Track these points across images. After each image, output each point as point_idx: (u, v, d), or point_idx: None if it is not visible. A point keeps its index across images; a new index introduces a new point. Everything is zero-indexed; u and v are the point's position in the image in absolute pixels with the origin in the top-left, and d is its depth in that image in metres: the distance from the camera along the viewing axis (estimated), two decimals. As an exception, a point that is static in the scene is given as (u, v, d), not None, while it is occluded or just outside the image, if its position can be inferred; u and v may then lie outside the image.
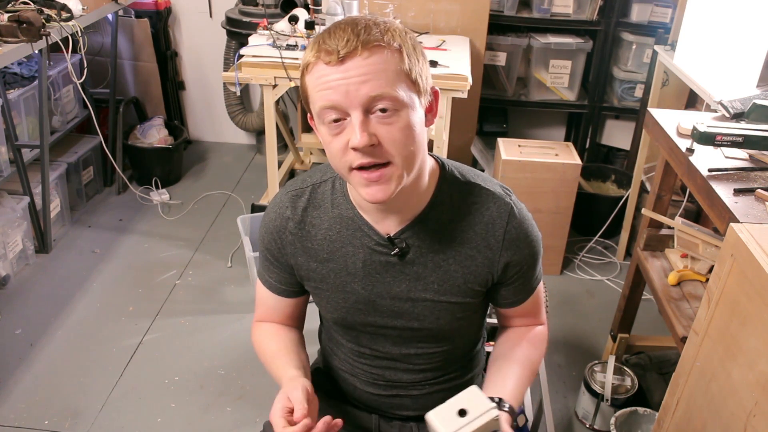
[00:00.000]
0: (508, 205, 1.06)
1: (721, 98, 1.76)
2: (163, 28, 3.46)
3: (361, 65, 0.88)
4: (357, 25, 0.90)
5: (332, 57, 0.88)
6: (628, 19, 3.00)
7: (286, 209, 1.10)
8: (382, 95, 0.89)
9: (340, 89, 0.88)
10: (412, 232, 1.04)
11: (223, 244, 2.86)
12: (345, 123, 0.91)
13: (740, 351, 0.98)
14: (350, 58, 0.88)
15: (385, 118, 0.90)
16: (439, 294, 1.07)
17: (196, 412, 2.03)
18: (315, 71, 0.91)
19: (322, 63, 0.89)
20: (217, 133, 3.87)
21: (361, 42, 0.88)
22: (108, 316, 2.43)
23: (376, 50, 0.89)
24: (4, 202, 2.54)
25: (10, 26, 2.16)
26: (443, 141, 2.43)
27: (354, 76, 0.88)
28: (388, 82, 0.89)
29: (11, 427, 1.95)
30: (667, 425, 1.23)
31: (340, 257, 1.08)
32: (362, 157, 0.91)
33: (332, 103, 0.89)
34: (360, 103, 0.89)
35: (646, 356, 2.13)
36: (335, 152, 0.93)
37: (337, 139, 0.92)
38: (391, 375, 1.18)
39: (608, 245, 2.96)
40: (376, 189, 0.93)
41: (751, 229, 1.01)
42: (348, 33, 0.88)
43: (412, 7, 2.83)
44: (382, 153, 0.91)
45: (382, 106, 0.89)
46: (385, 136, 0.90)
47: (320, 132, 0.96)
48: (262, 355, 1.19)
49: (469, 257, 1.05)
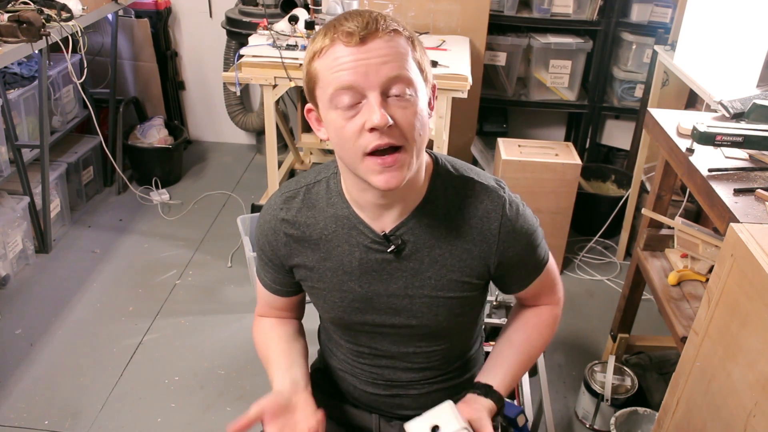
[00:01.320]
0: (502, 198, 1.06)
1: (721, 98, 1.76)
2: (163, 28, 3.46)
3: (382, 47, 0.90)
4: (371, 12, 0.92)
5: (353, 38, 0.88)
6: (628, 19, 3.00)
7: (280, 211, 1.10)
8: (400, 76, 0.90)
9: (360, 69, 0.89)
10: (407, 228, 1.05)
11: (223, 244, 2.86)
12: (360, 106, 0.91)
13: (740, 351, 0.98)
14: (371, 39, 0.89)
15: (400, 101, 0.91)
16: (436, 289, 1.07)
17: (196, 412, 2.03)
18: (330, 53, 0.91)
19: (340, 44, 0.90)
20: (217, 133, 3.87)
21: (380, 26, 0.90)
22: (108, 316, 2.43)
23: (395, 35, 0.91)
24: (4, 202, 2.54)
25: (10, 26, 2.16)
26: (443, 141, 2.43)
27: (374, 57, 0.89)
28: (405, 65, 0.91)
29: (11, 427, 1.95)
30: (667, 425, 1.23)
31: (336, 256, 1.08)
32: (379, 138, 0.90)
33: (350, 83, 0.89)
34: (379, 84, 0.90)
35: (646, 356, 2.13)
36: (349, 136, 0.92)
37: (352, 122, 0.91)
38: (390, 374, 1.18)
39: (608, 245, 2.96)
40: (390, 175, 0.93)
41: (751, 229, 1.01)
42: (366, 17, 0.90)
43: (412, 7, 2.82)
44: (397, 135, 0.92)
45: (397, 90, 0.91)
46: (400, 118, 0.91)
47: (330, 119, 0.94)
48: (259, 354, 1.22)
49: (465, 251, 1.06)
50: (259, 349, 1.22)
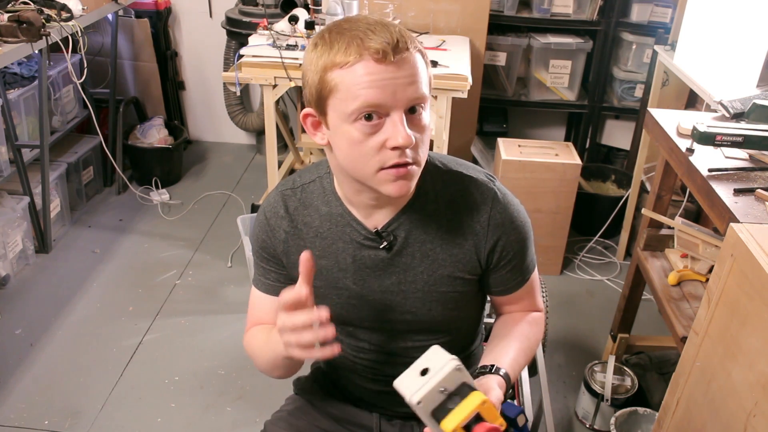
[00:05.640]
0: (491, 191, 1.06)
1: (721, 98, 1.76)
2: (163, 28, 3.46)
3: (410, 66, 0.90)
4: (394, 26, 0.92)
5: (386, 56, 0.88)
6: (628, 19, 3.00)
7: (280, 208, 1.11)
8: (422, 97, 0.92)
9: (388, 89, 0.89)
10: (399, 223, 1.05)
11: (223, 244, 2.86)
12: (381, 122, 0.91)
13: (740, 351, 0.98)
14: (399, 58, 0.89)
15: (416, 118, 0.93)
16: (429, 284, 1.08)
17: (196, 412, 2.03)
18: (357, 68, 0.89)
19: (370, 60, 0.88)
20: (217, 133, 3.87)
21: (408, 44, 0.90)
22: (108, 316, 2.43)
23: (416, 52, 0.92)
24: (4, 202, 2.54)
25: (10, 26, 2.16)
26: (443, 141, 2.43)
27: (403, 77, 0.89)
28: (424, 84, 0.93)
29: (11, 427, 1.95)
30: (667, 425, 1.23)
31: (331, 254, 1.09)
32: (399, 157, 0.92)
33: (378, 102, 0.89)
34: (405, 104, 0.91)
35: (646, 356, 2.13)
36: (367, 151, 0.92)
37: (372, 139, 0.92)
38: (390, 370, 1.18)
39: (608, 245, 2.96)
40: (402, 183, 0.95)
41: (751, 229, 1.01)
42: (392, 32, 0.90)
43: (412, 7, 2.82)
44: (414, 153, 0.94)
45: (417, 109, 0.93)
46: (417, 137, 0.93)
47: (345, 132, 0.92)
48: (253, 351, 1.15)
49: (456, 245, 1.06)
50: (250, 347, 1.15)
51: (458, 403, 0.86)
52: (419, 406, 0.85)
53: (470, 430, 0.85)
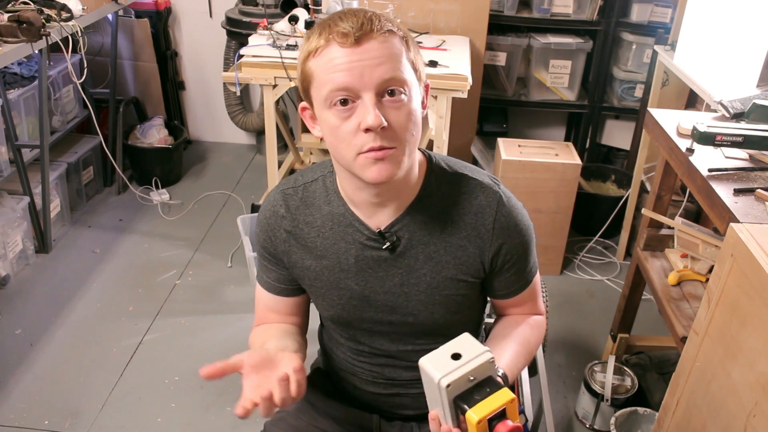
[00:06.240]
0: (496, 194, 1.06)
1: (721, 98, 1.76)
2: (163, 28, 3.46)
3: (376, 48, 0.90)
4: (366, 12, 0.92)
5: (348, 39, 0.89)
6: (628, 19, 3.00)
7: (280, 207, 1.10)
8: (394, 78, 0.91)
9: (355, 71, 0.89)
10: (402, 224, 1.05)
11: (223, 244, 2.86)
12: (355, 105, 0.92)
13: (740, 351, 0.98)
14: (366, 40, 0.90)
15: (394, 102, 0.92)
16: (432, 287, 1.07)
17: (196, 412, 2.03)
18: (325, 54, 0.91)
19: (335, 45, 0.90)
20: (217, 133, 3.87)
21: (375, 26, 0.90)
22: (108, 316, 2.43)
23: (389, 35, 0.92)
24: (4, 202, 2.54)
25: (10, 26, 2.16)
26: (443, 141, 2.43)
27: (368, 59, 0.90)
28: (399, 66, 0.92)
29: (11, 427, 1.95)
30: (667, 425, 1.23)
31: (333, 254, 1.08)
32: (374, 140, 0.91)
33: (345, 85, 0.90)
34: (374, 85, 0.90)
35: (646, 356, 2.13)
36: (344, 136, 0.93)
37: (347, 123, 0.92)
38: (390, 373, 1.18)
39: (608, 245, 2.96)
40: (381, 167, 0.93)
41: (751, 229, 1.01)
42: (360, 17, 0.91)
43: (412, 7, 2.82)
44: (391, 137, 0.93)
45: (391, 91, 0.92)
46: (394, 120, 0.92)
47: (325, 119, 0.95)
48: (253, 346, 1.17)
49: (460, 247, 1.06)
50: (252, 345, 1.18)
51: (488, 395, 0.86)
52: (447, 389, 0.85)
53: (492, 425, 0.85)
